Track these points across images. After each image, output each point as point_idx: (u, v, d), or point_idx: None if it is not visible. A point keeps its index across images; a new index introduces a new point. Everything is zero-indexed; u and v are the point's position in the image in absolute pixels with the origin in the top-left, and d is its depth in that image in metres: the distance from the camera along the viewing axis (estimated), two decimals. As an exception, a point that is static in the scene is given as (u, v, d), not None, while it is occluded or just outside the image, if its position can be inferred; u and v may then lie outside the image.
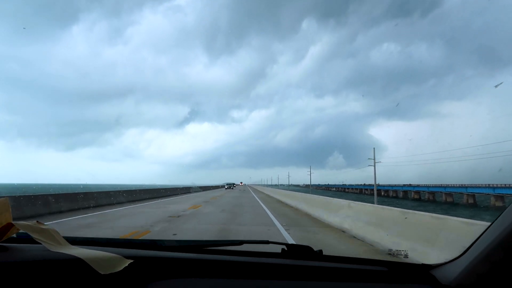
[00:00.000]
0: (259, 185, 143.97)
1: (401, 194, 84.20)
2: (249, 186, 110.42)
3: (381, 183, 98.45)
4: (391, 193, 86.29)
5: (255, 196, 29.88)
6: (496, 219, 0.98)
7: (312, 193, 23.21)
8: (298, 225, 9.39)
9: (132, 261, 1.05)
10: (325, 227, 8.73)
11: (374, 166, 44.59)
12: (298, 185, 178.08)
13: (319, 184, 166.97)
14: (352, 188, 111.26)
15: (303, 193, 18.57)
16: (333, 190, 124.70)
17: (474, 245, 1.04)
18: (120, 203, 16.95)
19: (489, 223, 1.02)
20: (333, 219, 9.03)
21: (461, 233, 3.94)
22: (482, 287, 0.96)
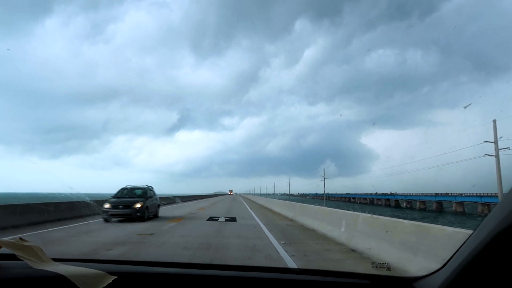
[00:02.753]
0: (252, 194, 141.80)
1: (368, 201, 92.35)
2: (242, 196, 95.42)
3: (372, 192, 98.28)
4: (361, 200, 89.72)
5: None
6: (474, 231, 1.02)
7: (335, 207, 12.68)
8: None
9: (116, 277, 1.11)
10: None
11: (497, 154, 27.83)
12: (292, 195, 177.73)
13: (316, 194, 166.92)
14: (360, 198, 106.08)
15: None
16: (333, 200, 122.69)
17: (454, 256, 1.08)
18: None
19: (470, 232, 1.05)
20: None
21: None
22: None
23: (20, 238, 1.15)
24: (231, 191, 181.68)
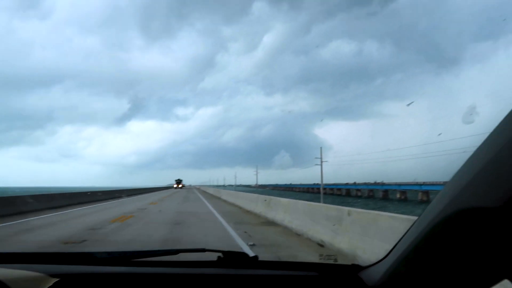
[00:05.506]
0: (207, 185, 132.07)
1: (344, 192, 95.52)
2: (201, 190, 76.59)
3: (327, 182, 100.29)
4: (335, 191, 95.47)
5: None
6: (416, 220, 1.04)
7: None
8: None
9: (57, 279, 1.13)
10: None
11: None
12: (249, 186, 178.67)
13: (277, 184, 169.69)
14: (333, 189, 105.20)
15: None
16: (298, 191, 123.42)
17: (398, 244, 1.11)
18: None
19: (414, 219, 1.08)
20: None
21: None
22: (404, 287, 1.07)
23: None
24: (179, 182, 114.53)
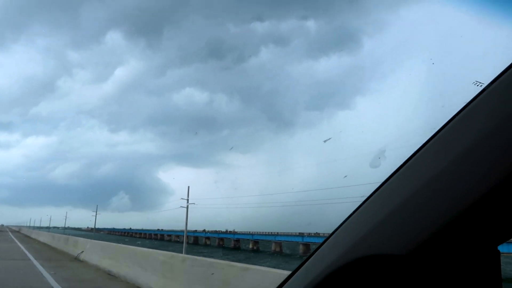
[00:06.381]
0: (28, 226, 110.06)
1: (192, 240, 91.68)
2: (17, 231, 66.32)
3: (173, 228, 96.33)
4: (181, 238, 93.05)
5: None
6: (297, 272, 0.97)
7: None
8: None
9: None
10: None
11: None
12: (79, 229, 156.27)
13: (113, 228, 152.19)
14: (177, 236, 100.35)
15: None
16: (139, 237, 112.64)
17: None
18: None
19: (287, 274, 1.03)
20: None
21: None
22: None
23: None
24: None
